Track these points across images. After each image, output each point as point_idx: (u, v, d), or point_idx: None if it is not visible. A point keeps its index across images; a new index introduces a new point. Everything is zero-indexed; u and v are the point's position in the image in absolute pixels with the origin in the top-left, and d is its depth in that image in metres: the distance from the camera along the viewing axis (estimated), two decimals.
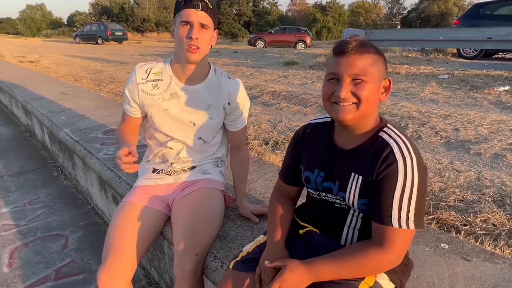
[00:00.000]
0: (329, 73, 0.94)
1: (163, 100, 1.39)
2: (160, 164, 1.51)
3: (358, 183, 0.96)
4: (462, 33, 6.44)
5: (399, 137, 0.94)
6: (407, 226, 0.89)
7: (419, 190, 0.90)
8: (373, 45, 0.95)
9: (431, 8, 38.86)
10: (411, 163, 0.89)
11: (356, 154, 0.97)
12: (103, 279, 1.24)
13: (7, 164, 3.60)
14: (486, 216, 2.05)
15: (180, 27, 1.25)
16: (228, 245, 1.38)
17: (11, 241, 2.33)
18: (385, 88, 0.97)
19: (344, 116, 0.92)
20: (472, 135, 3.46)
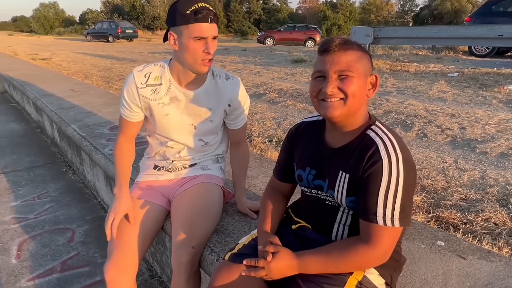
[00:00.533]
0: (315, 72, 0.96)
1: (163, 104, 1.38)
2: (161, 161, 1.53)
3: (346, 181, 0.97)
4: (473, 30, 6.33)
5: (386, 135, 0.94)
6: (392, 223, 0.90)
7: (405, 188, 0.90)
8: (357, 43, 0.96)
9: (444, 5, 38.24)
10: (396, 160, 0.90)
11: (344, 153, 0.99)
12: (110, 273, 1.27)
13: (18, 159, 3.69)
14: (488, 215, 2.03)
15: (192, 42, 1.22)
16: (225, 239, 1.41)
17: (19, 233, 2.40)
18: (372, 85, 0.97)
19: (332, 112, 0.93)
20: (478, 134, 3.42)
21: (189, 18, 1.20)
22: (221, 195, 1.53)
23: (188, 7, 1.19)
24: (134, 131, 1.47)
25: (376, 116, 1.43)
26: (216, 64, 9.79)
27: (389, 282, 1.03)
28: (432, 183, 2.49)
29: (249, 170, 2.12)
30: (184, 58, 1.27)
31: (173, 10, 1.23)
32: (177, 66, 1.33)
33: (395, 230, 0.92)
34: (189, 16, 1.20)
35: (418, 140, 3.41)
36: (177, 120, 1.41)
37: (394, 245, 0.94)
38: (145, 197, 1.48)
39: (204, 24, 1.21)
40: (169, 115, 1.40)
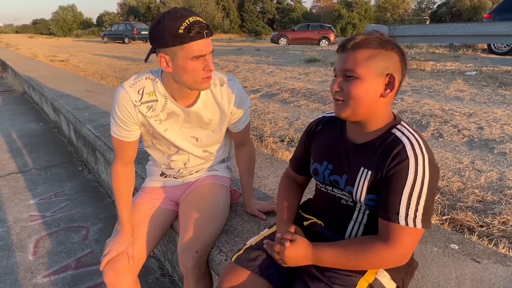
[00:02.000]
0: (333, 69, 0.96)
1: (160, 121, 1.30)
2: (167, 169, 1.51)
3: (367, 178, 0.95)
4: (492, 27, 6.15)
5: (412, 135, 0.92)
6: (414, 224, 0.88)
7: (429, 189, 0.88)
8: (383, 41, 0.90)
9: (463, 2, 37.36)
10: (423, 161, 0.88)
11: (367, 149, 0.97)
12: (108, 275, 1.28)
13: (36, 159, 3.79)
14: (505, 217, 1.97)
15: (190, 62, 1.12)
16: (234, 239, 1.41)
17: (36, 231, 2.47)
18: (389, 84, 0.91)
19: (338, 113, 0.94)
20: (497, 134, 3.32)
21: (184, 37, 1.08)
22: (228, 195, 1.51)
23: (179, 25, 1.07)
24: (132, 154, 1.35)
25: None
26: (230, 64, 9.82)
27: (401, 286, 1.01)
28: (448, 185, 2.43)
29: (259, 170, 2.12)
30: (182, 80, 1.17)
31: (161, 31, 1.09)
32: (171, 83, 1.23)
33: (416, 232, 0.89)
34: (183, 35, 1.07)
35: (433, 140, 3.34)
36: (177, 134, 1.35)
37: (414, 247, 0.92)
38: (151, 202, 1.47)
39: (200, 41, 1.10)
40: (168, 130, 1.32)
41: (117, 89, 1.25)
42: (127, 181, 1.37)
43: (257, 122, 4.08)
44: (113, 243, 1.32)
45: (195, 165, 1.48)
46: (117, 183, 1.36)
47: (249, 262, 1.06)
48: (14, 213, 2.69)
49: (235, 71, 8.49)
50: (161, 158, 1.47)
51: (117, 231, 1.38)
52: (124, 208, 1.36)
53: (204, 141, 1.40)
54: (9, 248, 2.27)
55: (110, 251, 1.30)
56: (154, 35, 1.12)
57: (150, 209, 1.45)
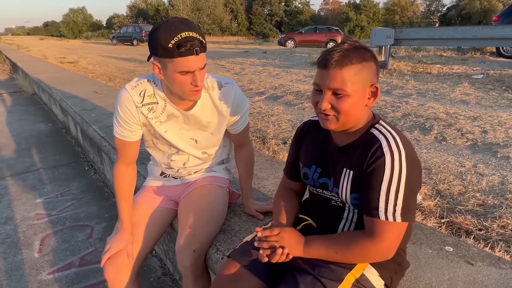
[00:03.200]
0: (314, 83, 0.97)
1: (160, 123, 1.33)
2: (167, 169, 1.54)
3: (350, 178, 0.99)
4: (499, 30, 6.10)
5: (389, 132, 0.96)
6: (393, 218, 0.91)
7: (408, 184, 0.91)
8: (361, 51, 0.94)
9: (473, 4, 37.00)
10: (399, 156, 0.91)
11: (349, 151, 1.01)
12: (109, 271, 1.32)
13: (44, 158, 3.87)
14: (505, 221, 1.97)
15: (178, 75, 1.13)
16: (231, 239, 1.44)
17: (42, 229, 2.52)
18: (373, 94, 0.97)
19: (327, 126, 0.97)
20: (501, 137, 3.31)
21: (172, 52, 1.08)
22: (226, 196, 1.54)
23: (169, 39, 1.07)
24: (134, 154, 1.39)
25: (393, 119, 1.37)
26: (236, 66, 9.87)
27: (389, 284, 1.03)
28: (448, 188, 2.43)
29: (259, 171, 2.15)
30: (172, 88, 1.21)
31: (154, 40, 1.10)
32: (168, 88, 1.26)
33: (397, 226, 0.92)
34: (172, 50, 1.08)
35: (436, 144, 3.33)
36: (177, 136, 1.39)
37: (398, 241, 0.94)
38: (150, 201, 1.51)
39: (190, 57, 1.10)
40: (168, 131, 1.36)
41: (120, 91, 1.29)
42: (128, 181, 1.41)
43: (261, 124, 4.11)
44: (113, 241, 1.37)
45: (194, 165, 1.51)
46: (119, 182, 1.40)
47: (241, 257, 1.09)
48: (21, 212, 2.75)
49: (241, 74, 8.54)
50: (162, 158, 1.50)
51: (118, 229, 1.42)
52: (124, 207, 1.40)
53: (203, 143, 1.44)
54: (15, 246, 2.33)
55: (110, 249, 1.34)
56: (149, 42, 1.14)
57: (150, 207, 1.48)
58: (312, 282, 0.96)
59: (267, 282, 1.07)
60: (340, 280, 0.96)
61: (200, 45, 1.12)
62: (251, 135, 3.70)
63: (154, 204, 1.50)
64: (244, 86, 6.63)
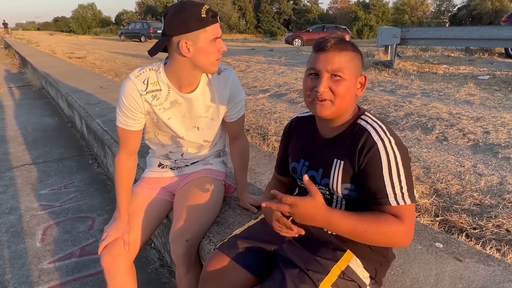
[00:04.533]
0: (309, 68, 0.99)
1: (164, 110, 1.37)
2: (164, 160, 1.59)
3: (341, 168, 1.01)
4: (507, 31, 6.03)
5: (376, 122, 0.99)
6: (404, 201, 0.93)
7: (405, 167, 0.94)
8: (351, 42, 1.00)
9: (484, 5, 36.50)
10: (390, 143, 0.94)
11: (337, 142, 1.03)
12: (105, 259, 1.36)
13: (49, 151, 3.94)
14: (501, 221, 1.97)
15: (210, 44, 1.23)
16: (224, 231, 1.47)
17: (45, 219, 2.58)
18: (361, 84, 1.01)
19: (322, 112, 0.98)
20: (503, 138, 3.29)
21: (206, 21, 1.20)
22: (221, 189, 1.57)
23: (200, 11, 1.19)
24: (136, 144, 1.42)
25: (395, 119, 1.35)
26: (242, 64, 9.90)
27: (374, 276, 1.05)
28: (446, 187, 2.43)
29: (257, 166, 2.18)
30: (201, 62, 1.26)
31: (185, 17, 1.20)
32: (176, 71, 1.31)
33: (409, 207, 0.94)
34: (206, 20, 1.20)
35: (437, 143, 3.33)
36: (180, 123, 1.42)
37: (413, 223, 0.95)
38: (148, 192, 1.55)
39: (217, 24, 1.25)
40: (171, 119, 1.40)
41: (124, 81, 1.33)
42: (128, 171, 1.44)
43: (263, 121, 4.14)
44: (110, 229, 1.41)
45: (191, 156, 1.55)
46: (119, 172, 1.43)
47: (230, 249, 1.12)
48: (25, 202, 2.82)
49: (246, 71, 8.56)
50: (160, 150, 1.55)
51: (115, 218, 1.46)
52: (123, 197, 1.44)
53: (205, 130, 1.47)
54: (18, 235, 2.39)
55: (107, 237, 1.38)
56: (175, 23, 1.21)
57: (147, 198, 1.52)
58: (299, 275, 0.98)
59: (255, 274, 1.10)
60: (326, 272, 0.99)
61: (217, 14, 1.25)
62: (252, 132, 3.72)
63: (152, 195, 1.54)
64: (249, 83, 6.65)
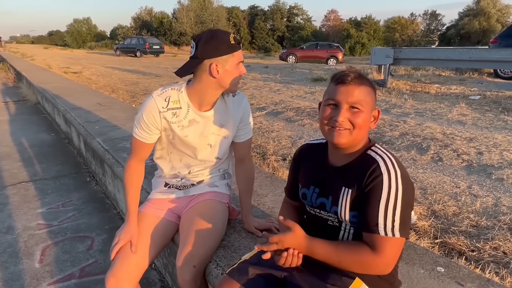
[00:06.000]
0: (328, 99, 1.06)
1: (182, 127, 1.46)
2: (171, 179, 1.62)
3: (349, 196, 1.05)
4: (495, 53, 6.26)
5: (385, 154, 1.04)
6: (392, 234, 0.97)
7: (404, 201, 0.98)
8: (367, 78, 1.08)
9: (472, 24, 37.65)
10: (395, 175, 0.99)
11: (347, 171, 1.08)
12: (110, 281, 1.37)
13: (46, 168, 3.92)
14: (497, 243, 2.02)
15: (237, 66, 1.40)
16: (231, 255, 1.49)
17: (43, 239, 2.56)
18: (374, 117, 1.08)
19: (339, 140, 1.03)
20: (496, 159, 3.38)
21: (234, 47, 1.38)
22: (226, 212, 1.60)
23: (229, 38, 1.37)
24: (147, 153, 1.53)
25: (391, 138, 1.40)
26: None
27: None
28: (443, 208, 2.49)
29: (259, 188, 2.20)
30: (227, 83, 1.40)
31: (218, 43, 1.35)
32: (201, 90, 1.43)
33: (397, 241, 0.98)
34: (234, 46, 1.37)
35: (433, 164, 3.40)
36: (195, 141, 1.50)
37: (397, 256, 1.00)
38: (154, 212, 1.57)
39: (241, 50, 1.43)
40: (188, 137, 1.48)
41: (147, 98, 1.45)
42: (138, 175, 1.54)
43: (261, 140, 4.18)
44: (121, 233, 1.46)
45: (198, 173, 1.61)
46: (129, 176, 1.52)
47: (240, 276, 1.14)
48: (23, 221, 2.79)
49: (242, 88, 8.67)
50: (169, 170, 1.61)
51: (125, 221, 1.50)
52: (132, 200, 1.51)
53: (217, 147, 1.56)
54: (16, 255, 2.36)
55: (119, 241, 1.43)
56: (208, 48, 1.35)
57: (154, 219, 1.55)
58: None
59: None
60: None
61: None
62: (252, 151, 3.77)
63: (159, 215, 1.57)
64: None
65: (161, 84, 9.67)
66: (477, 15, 37.80)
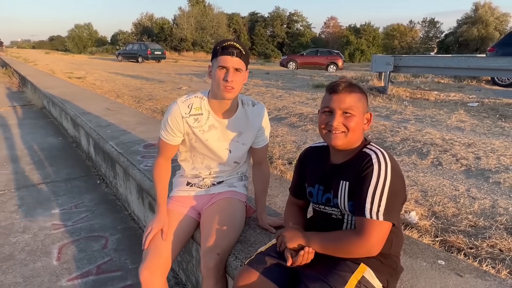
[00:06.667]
0: (324, 106, 1.23)
1: (203, 132, 1.60)
2: (193, 178, 1.76)
3: (346, 188, 1.21)
4: (493, 62, 6.42)
5: (378, 149, 1.20)
6: (376, 217, 1.10)
7: (391, 189, 1.11)
8: (358, 85, 1.24)
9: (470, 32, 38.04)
10: (385, 167, 1.14)
11: (345, 167, 1.24)
12: (144, 274, 1.49)
13: (57, 171, 4.03)
14: (494, 241, 2.14)
15: (217, 71, 1.48)
16: (248, 249, 1.61)
17: (59, 238, 2.67)
18: (367, 120, 1.25)
19: (336, 142, 1.21)
20: (493, 164, 3.50)
21: (217, 52, 1.49)
22: (243, 210, 1.73)
23: (219, 45, 1.49)
24: (173, 153, 1.68)
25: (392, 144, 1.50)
26: None
27: (385, 286, 1.20)
28: (443, 210, 2.61)
29: (269, 189, 2.32)
30: (213, 85, 1.52)
31: (214, 46, 1.53)
32: (213, 96, 1.58)
33: (381, 224, 1.11)
34: (218, 50, 1.49)
35: (433, 168, 3.52)
36: (215, 145, 1.64)
37: (382, 239, 1.13)
38: (178, 209, 1.70)
39: (226, 56, 1.47)
40: (208, 140, 1.62)
41: (171, 104, 1.60)
42: (166, 171, 1.69)
43: None
44: (152, 223, 1.60)
45: (219, 175, 1.75)
46: (158, 172, 1.67)
47: (259, 265, 1.26)
48: (38, 222, 2.90)
49: (245, 94, 8.80)
50: (192, 170, 1.74)
51: (156, 212, 1.64)
52: (161, 192, 1.66)
53: (235, 153, 1.68)
54: (34, 253, 2.47)
55: (151, 229, 1.57)
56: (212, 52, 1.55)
57: (178, 215, 1.68)
58: (322, 286, 1.13)
59: (282, 286, 1.23)
60: (345, 283, 1.13)
61: (239, 52, 1.48)
62: None
63: (182, 212, 1.70)
64: None
65: (165, 90, 9.81)
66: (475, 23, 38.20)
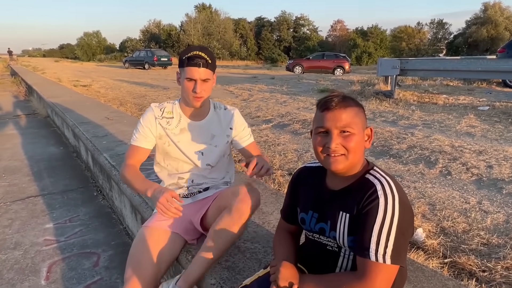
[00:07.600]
0: (318, 127, 1.04)
1: (174, 134, 1.62)
2: (177, 189, 1.69)
3: (346, 221, 1.03)
4: (503, 64, 6.20)
5: (384, 178, 1.02)
6: (383, 260, 0.94)
7: (399, 227, 0.95)
8: (352, 98, 1.06)
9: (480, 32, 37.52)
10: (393, 200, 0.96)
11: (344, 195, 1.06)
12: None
13: (55, 182, 3.96)
14: (509, 262, 1.97)
15: (185, 82, 1.50)
16: (235, 277, 1.48)
17: (50, 255, 2.57)
18: (368, 136, 1.07)
19: (336, 167, 1.02)
20: (506, 173, 3.32)
21: (184, 62, 1.49)
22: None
23: (185, 54, 1.49)
24: (142, 158, 1.62)
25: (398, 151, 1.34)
26: (244, 92, 10.08)
27: None
28: (453, 225, 2.44)
29: (264, 206, 2.19)
30: (182, 92, 1.56)
31: (180, 55, 1.54)
32: (184, 102, 1.61)
33: (387, 268, 0.94)
34: (184, 61, 1.49)
35: (441, 178, 3.35)
36: (187, 147, 1.63)
37: (387, 285, 0.96)
38: (162, 226, 1.60)
39: (193, 68, 1.47)
40: (180, 142, 1.63)
41: (147, 109, 1.65)
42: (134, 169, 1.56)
43: (267, 153, 4.18)
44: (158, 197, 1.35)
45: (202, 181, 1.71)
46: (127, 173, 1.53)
47: None
48: (30, 237, 2.81)
49: (249, 100, 8.70)
50: (169, 179, 1.69)
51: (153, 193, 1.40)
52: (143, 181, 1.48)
53: (208, 155, 1.66)
54: (23, 272, 2.37)
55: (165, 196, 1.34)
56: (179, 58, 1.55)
57: (161, 233, 1.58)
58: None
59: None
60: None
61: (205, 62, 1.48)
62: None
63: (166, 229, 1.59)
64: (252, 113, 6.75)
65: (169, 97, 9.77)
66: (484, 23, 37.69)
